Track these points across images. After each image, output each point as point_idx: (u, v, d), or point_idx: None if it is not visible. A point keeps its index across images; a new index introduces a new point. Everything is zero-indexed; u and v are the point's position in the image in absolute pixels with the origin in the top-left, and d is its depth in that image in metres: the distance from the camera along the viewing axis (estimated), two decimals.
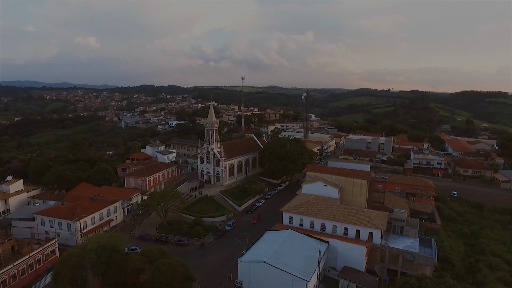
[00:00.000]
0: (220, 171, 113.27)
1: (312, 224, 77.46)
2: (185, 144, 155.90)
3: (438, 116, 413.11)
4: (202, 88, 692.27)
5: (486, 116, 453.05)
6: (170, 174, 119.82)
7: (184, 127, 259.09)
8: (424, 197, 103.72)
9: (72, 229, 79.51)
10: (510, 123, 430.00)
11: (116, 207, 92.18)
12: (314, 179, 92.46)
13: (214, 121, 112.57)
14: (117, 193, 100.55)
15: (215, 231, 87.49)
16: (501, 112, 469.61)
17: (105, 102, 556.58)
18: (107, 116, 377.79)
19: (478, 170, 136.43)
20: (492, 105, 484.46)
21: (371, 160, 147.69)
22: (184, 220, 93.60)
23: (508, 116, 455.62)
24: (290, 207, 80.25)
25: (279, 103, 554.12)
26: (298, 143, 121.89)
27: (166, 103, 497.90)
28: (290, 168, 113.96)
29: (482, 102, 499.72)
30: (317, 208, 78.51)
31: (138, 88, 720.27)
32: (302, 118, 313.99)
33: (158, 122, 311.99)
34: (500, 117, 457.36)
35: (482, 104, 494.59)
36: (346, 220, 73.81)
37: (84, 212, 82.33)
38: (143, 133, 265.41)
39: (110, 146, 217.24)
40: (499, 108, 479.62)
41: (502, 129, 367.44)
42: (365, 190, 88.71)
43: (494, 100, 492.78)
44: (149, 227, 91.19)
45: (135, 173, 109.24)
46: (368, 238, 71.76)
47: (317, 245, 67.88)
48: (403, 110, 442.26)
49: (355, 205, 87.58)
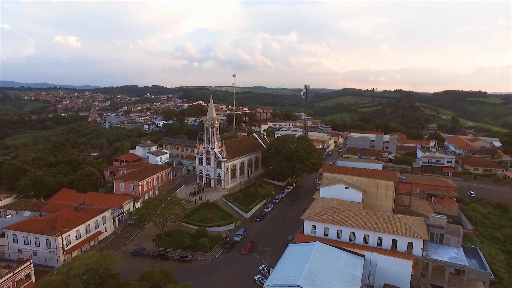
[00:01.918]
0: (221, 173, 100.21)
1: (339, 233, 65.83)
2: (179, 144, 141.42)
3: (424, 115, 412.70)
4: (187, 88, 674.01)
5: (469, 115, 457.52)
6: (164, 178, 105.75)
7: (172, 126, 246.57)
8: (445, 198, 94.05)
9: (53, 246, 64.91)
10: (491, 121, 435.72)
11: (105, 217, 77.79)
12: (332, 181, 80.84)
13: (215, 118, 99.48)
14: (106, 200, 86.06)
15: (223, 243, 74.53)
16: (482, 111, 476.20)
17: (87, 102, 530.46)
18: (90, 116, 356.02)
19: (488, 168, 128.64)
20: (473, 104, 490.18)
21: (377, 159, 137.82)
22: (184, 230, 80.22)
23: (488, 115, 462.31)
24: (312, 214, 68.32)
25: (265, 103, 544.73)
26: (305, 141, 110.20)
27: (151, 103, 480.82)
28: (298, 169, 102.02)
29: (463, 101, 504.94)
30: (343, 214, 66.92)
31: (122, 88, 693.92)
32: (294, 117, 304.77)
33: (144, 122, 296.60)
34: (481, 115, 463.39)
35: (464, 103, 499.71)
36: (380, 229, 62.48)
37: (67, 224, 67.81)
38: (129, 133, 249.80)
39: (94, 148, 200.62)
40: (480, 107, 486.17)
41: (485, 127, 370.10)
42: (391, 193, 77.78)
43: (475, 99, 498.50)
44: (145, 240, 77.28)
45: (125, 177, 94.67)
46: (407, 249, 60.80)
47: (353, 260, 56.44)
48: (389, 109, 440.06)
49: (380, 210, 76.83)
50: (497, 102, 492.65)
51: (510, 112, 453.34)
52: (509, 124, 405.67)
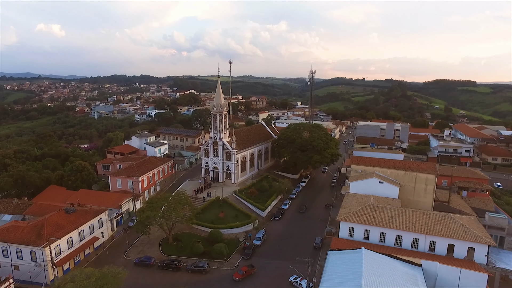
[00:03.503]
0: (231, 166, 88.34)
1: (382, 237, 55.34)
2: (178, 133, 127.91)
3: (417, 104, 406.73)
4: (177, 77, 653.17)
5: (459, 104, 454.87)
6: (166, 172, 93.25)
7: (165, 116, 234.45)
8: (478, 192, 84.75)
9: (39, 258, 52.37)
10: (481, 110, 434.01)
11: (101, 220, 65.32)
12: (363, 175, 70.11)
13: (223, 104, 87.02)
14: (101, 199, 73.29)
15: (242, 248, 63.22)
16: (472, 100, 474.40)
17: (74, 92, 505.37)
18: (77, 106, 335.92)
19: (508, 158, 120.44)
20: (464, 94, 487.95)
21: (390, 148, 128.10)
22: (194, 233, 68.49)
23: (478, 104, 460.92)
24: (349, 214, 57.49)
25: (257, 92, 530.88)
26: (321, 130, 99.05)
27: (140, 93, 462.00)
28: (316, 160, 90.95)
29: (454, 90, 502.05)
30: (386, 214, 56.34)
31: (109, 78, 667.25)
32: (291, 106, 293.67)
33: (135, 111, 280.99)
34: (472, 104, 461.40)
35: (454, 92, 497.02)
36: (434, 231, 52.21)
37: (56, 231, 55.22)
38: (120, 123, 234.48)
39: (83, 139, 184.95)
40: (470, 96, 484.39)
41: (477, 116, 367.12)
42: (432, 188, 67.66)
43: (465, 88, 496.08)
44: (149, 246, 65.27)
45: (123, 172, 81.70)
46: (467, 255, 50.83)
47: (411, 271, 46.07)
48: (382, 98, 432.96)
49: (417, 206, 66.77)
50: (486, 91, 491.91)
51: (500, 101, 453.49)
52: (499, 113, 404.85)
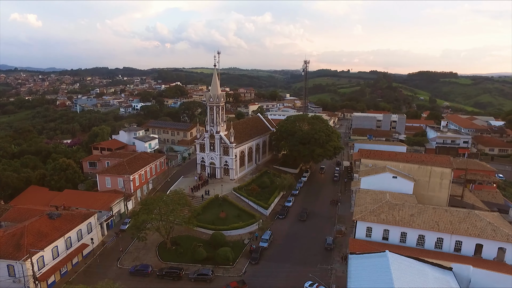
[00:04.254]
0: (229, 161, 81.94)
1: (403, 237, 50.59)
2: (168, 127, 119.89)
3: (403, 95, 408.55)
4: (161, 70, 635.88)
5: (442, 95, 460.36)
6: (159, 168, 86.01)
7: (151, 109, 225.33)
8: (484, 184, 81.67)
9: (18, 273, 45.05)
10: (463, 101, 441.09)
11: (90, 225, 58.09)
12: (375, 169, 65.17)
13: (220, 94, 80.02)
14: (89, 200, 65.85)
15: (249, 252, 57.39)
16: (455, 91, 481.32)
17: (53, 85, 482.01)
18: (58, 99, 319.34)
19: (504, 149, 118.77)
20: (446, 85, 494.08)
21: (388, 140, 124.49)
22: (194, 235, 62.15)
23: (460, 95, 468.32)
24: (366, 213, 52.39)
25: (242, 84, 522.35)
26: (321, 122, 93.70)
27: (124, 86, 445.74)
28: (318, 154, 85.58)
29: (437, 82, 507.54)
30: (405, 212, 51.57)
31: (91, 70, 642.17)
32: (280, 98, 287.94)
33: (119, 104, 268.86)
34: (454, 96, 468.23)
35: (437, 84, 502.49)
36: (460, 230, 47.79)
37: (39, 241, 47.88)
38: (104, 117, 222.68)
39: (65, 134, 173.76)
40: (452, 87, 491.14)
41: (460, 107, 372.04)
42: (447, 182, 63.41)
43: (448, 80, 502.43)
44: (145, 252, 58.57)
45: (112, 170, 73.96)
46: (497, 256, 46.73)
47: (443, 276, 41.65)
48: (369, 89, 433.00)
49: (432, 202, 62.64)
50: (467, 83, 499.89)
51: (480, 92, 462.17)
52: (480, 104, 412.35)
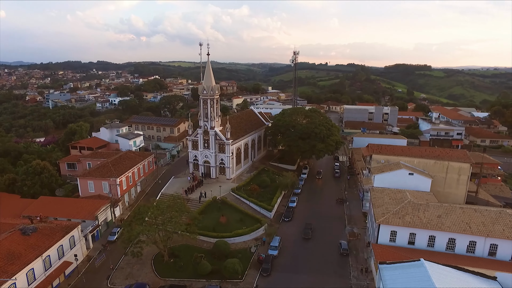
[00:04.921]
0: (225, 159, 74.68)
1: (431, 240, 45.69)
2: (153, 123, 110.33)
3: (381, 88, 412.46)
4: (138, 63, 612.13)
5: (418, 87, 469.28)
6: (147, 168, 77.44)
7: (130, 104, 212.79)
8: (489, 177, 78.95)
9: None
10: (437, 93, 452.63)
11: (73, 238, 49.51)
12: (389, 166, 60.01)
13: (214, 86, 72.25)
14: (70, 208, 56.87)
15: (258, 262, 50.71)
16: (429, 83, 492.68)
17: (22, 79, 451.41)
18: (27, 95, 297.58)
19: (495, 140, 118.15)
20: (421, 78, 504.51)
21: (381, 132, 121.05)
22: (193, 244, 54.70)
23: (435, 87, 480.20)
24: (389, 215, 47.01)
25: (221, 78, 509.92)
26: (320, 115, 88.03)
27: (99, 80, 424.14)
28: (319, 149, 79.88)
29: (412, 74, 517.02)
30: (432, 213, 46.65)
31: (63, 64, 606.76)
32: (263, 91, 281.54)
33: (95, 99, 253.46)
34: (429, 88, 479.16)
35: (413, 76, 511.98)
36: (495, 233, 43.32)
37: (10, 264, 39.19)
38: (80, 113, 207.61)
39: (37, 131, 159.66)
40: (427, 80, 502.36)
41: (436, 99, 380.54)
42: (465, 178, 59.15)
43: (422, 73, 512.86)
44: (139, 267, 50.61)
45: (96, 172, 64.82)
46: None
47: (487, 286, 36.58)
48: (348, 82, 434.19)
49: (448, 199, 58.41)
50: (441, 76, 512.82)
51: (453, 84, 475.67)
52: (454, 95, 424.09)
